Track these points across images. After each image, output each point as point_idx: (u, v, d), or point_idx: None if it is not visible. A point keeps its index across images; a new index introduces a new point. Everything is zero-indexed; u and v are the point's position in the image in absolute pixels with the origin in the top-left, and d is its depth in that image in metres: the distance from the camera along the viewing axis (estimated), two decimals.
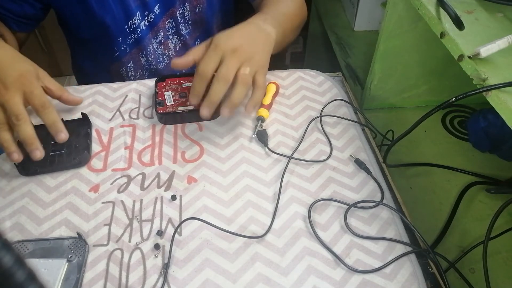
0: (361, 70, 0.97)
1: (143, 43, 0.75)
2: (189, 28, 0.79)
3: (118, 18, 0.71)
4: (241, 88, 0.54)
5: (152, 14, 0.73)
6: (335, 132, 0.63)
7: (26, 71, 0.54)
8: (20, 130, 0.52)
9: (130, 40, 0.74)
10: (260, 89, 0.57)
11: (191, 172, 0.57)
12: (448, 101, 0.48)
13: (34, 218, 0.51)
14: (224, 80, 0.53)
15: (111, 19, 0.70)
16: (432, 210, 0.64)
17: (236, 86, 0.54)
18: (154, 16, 0.73)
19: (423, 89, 0.80)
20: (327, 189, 0.55)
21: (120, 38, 0.74)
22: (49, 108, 0.54)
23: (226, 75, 0.53)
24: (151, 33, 0.75)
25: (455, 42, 0.47)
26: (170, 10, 0.75)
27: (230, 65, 0.54)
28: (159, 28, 0.76)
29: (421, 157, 0.72)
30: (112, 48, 0.75)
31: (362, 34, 1.12)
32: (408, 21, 0.67)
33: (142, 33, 0.74)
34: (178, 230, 0.50)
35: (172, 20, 0.76)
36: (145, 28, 0.74)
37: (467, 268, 0.56)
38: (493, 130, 0.69)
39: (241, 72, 0.54)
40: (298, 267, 0.47)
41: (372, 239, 0.50)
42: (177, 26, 0.77)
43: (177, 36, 0.79)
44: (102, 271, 0.47)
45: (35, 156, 0.52)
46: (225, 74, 0.53)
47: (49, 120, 0.54)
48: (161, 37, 0.77)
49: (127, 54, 0.77)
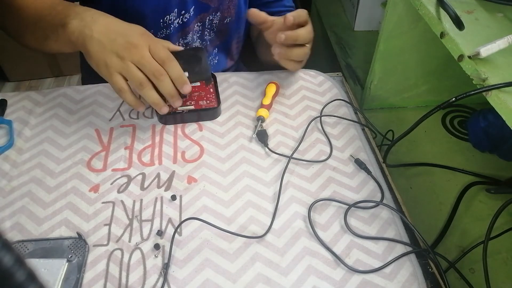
0: (361, 70, 0.97)
1: (171, 40, 0.75)
2: (212, 35, 0.80)
3: (156, 11, 0.70)
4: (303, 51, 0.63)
5: (187, 14, 0.73)
6: (335, 132, 0.63)
7: (143, 30, 0.55)
8: (165, 84, 0.53)
9: (160, 34, 0.74)
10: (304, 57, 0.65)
11: (191, 172, 0.57)
12: (448, 101, 0.48)
13: (34, 218, 0.51)
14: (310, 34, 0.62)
15: (150, 10, 0.69)
16: (432, 210, 0.64)
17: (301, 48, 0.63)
18: (188, 17, 0.73)
19: (423, 89, 0.80)
20: (327, 189, 0.55)
21: (152, 31, 0.72)
22: (173, 61, 0.54)
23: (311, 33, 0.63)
24: (181, 33, 0.76)
25: (455, 42, 0.47)
26: (202, 14, 0.75)
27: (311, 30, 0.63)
28: (189, 30, 0.76)
29: (421, 157, 0.72)
30: None
31: (362, 34, 1.12)
32: (408, 21, 0.67)
33: (174, 30, 0.74)
34: (178, 230, 0.50)
35: (201, 24, 0.77)
36: (177, 27, 0.74)
37: (467, 268, 0.56)
38: (493, 130, 0.69)
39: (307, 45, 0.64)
40: (298, 267, 0.47)
41: (372, 239, 0.50)
42: (203, 31, 0.78)
43: (199, 40, 0.79)
44: (102, 271, 0.47)
45: (176, 106, 0.57)
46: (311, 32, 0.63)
47: (176, 72, 0.54)
48: (189, 39, 0.77)
49: None
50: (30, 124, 0.63)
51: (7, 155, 0.58)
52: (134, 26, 0.56)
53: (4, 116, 0.64)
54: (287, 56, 0.63)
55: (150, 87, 0.53)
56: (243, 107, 0.66)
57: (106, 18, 0.55)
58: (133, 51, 0.52)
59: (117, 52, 0.52)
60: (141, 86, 0.53)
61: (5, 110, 0.65)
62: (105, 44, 0.52)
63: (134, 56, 0.52)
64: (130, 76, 0.53)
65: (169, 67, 0.54)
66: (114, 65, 0.52)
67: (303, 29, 0.61)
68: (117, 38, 0.52)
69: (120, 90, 0.54)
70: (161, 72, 0.53)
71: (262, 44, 0.83)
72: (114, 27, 0.54)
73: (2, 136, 0.61)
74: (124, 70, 0.52)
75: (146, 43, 0.53)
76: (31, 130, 0.62)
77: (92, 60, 0.54)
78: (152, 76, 0.53)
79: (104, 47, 0.52)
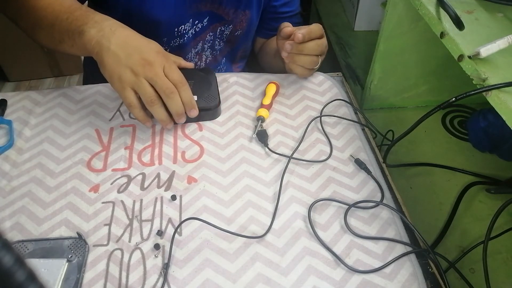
0: (361, 70, 0.97)
1: (185, 49, 0.76)
2: (222, 45, 0.81)
3: (172, 20, 0.70)
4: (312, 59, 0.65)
5: (200, 24, 0.73)
6: (335, 132, 0.63)
7: (160, 48, 0.56)
8: (175, 102, 0.55)
9: (174, 43, 0.74)
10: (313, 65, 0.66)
11: (191, 172, 0.57)
12: (448, 101, 0.48)
13: (34, 218, 0.51)
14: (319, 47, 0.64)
15: (166, 19, 0.69)
16: (432, 210, 0.64)
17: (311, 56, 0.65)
18: (201, 27, 0.74)
19: (423, 89, 0.80)
20: (327, 189, 0.55)
21: (166, 39, 0.73)
22: (185, 85, 0.56)
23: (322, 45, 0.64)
24: (193, 42, 0.76)
25: (455, 42, 0.47)
26: (215, 25, 0.76)
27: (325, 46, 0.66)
28: (201, 39, 0.76)
29: (421, 157, 0.72)
30: None
31: (362, 34, 1.12)
32: (408, 21, 0.67)
33: (187, 40, 0.74)
34: (178, 230, 0.50)
35: (212, 34, 0.77)
36: (191, 36, 0.74)
37: (467, 268, 0.56)
38: (493, 130, 0.69)
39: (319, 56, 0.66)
40: (298, 267, 0.47)
41: (372, 239, 0.50)
42: (214, 40, 0.79)
43: (210, 50, 0.80)
44: (102, 271, 0.47)
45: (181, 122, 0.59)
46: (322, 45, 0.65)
47: (187, 96, 0.56)
48: (199, 48, 0.78)
49: None
50: (30, 124, 0.63)
51: (7, 155, 0.58)
52: (151, 42, 0.56)
53: (4, 116, 0.64)
54: (294, 60, 0.65)
55: (160, 105, 0.55)
56: (243, 107, 0.66)
57: (125, 30, 0.55)
58: (147, 68, 0.53)
59: (132, 67, 0.53)
60: (151, 102, 0.54)
61: (5, 110, 0.65)
62: (121, 58, 0.53)
63: (148, 73, 0.53)
64: (142, 91, 0.53)
65: (181, 90, 0.55)
66: (128, 79, 0.53)
67: (312, 42, 0.63)
68: (134, 54, 0.53)
69: (130, 105, 0.55)
70: (172, 90, 0.54)
71: (269, 53, 0.83)
72: (132, 41, 0.54)
73: (2, 136, 0.61)
74: (136, 85, 0.53)
75: (161, 62, 0.54)
76: (31, 130, 0.62)
77: (106, 71, 0.54)
78: (163, 93, 0.54)
79: (120, 61, 0.53)
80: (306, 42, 0.62)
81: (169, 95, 0.54)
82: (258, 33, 0.86)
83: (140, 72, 0.53)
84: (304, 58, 0.64)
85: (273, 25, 0.84)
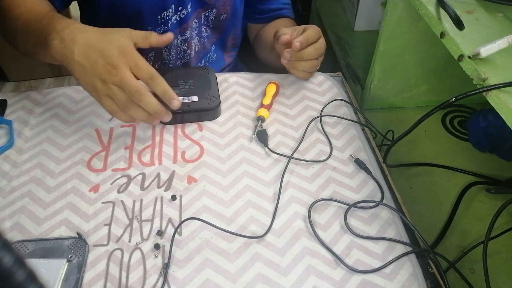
0: (361, 70, 0.97)
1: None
2: (209, 32, 0.81)
3: (154, 7, 0.71)
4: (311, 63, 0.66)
5: (185, 10, 0.74)
6: (335, 132, 0.63)
7: (124, 45, 0.53)
8: (147, 103, 0.53)
9: (159, 31, 0.74)
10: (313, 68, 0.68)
11: (191, 172, 0.57)
12: (448, 101, 0.48)
13: (34, 218, 0.51)
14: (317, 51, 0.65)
15: (147, 7, 0.70)
16: (432, 210, 0.64)
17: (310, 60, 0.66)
18: (186, 13, 0.74)
19: (423, 89, 0.80)
20: (327, 189, 0.55)
21: (150, 27, 0.73)
22: (157, 78, 0.54)
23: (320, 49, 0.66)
24: (179, 29, 0.76)
25: (455, 42, 0.47)
26: (198, 10, 0.76)
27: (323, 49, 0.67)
28: (188, 26, 0.77)
29: (421, 157, 0.72)
30: None
31: (362, 34, 1.11)
32: (408, 21, 0.67)
33: (172, 26, 0.75)
34: (178, 230, 0.50)
35: (197, 20, 0.77)
36: (175, 23, 0.75)
37: (467, 268, 0.56)
38: (493, 130, 0.69)
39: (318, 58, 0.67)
40: (298, 267, 0.47)
41: (372, 239, 0.50)
42: (200, 27, 0.79)
43: (198, 37, 0.80)
44: (102, 271, 0.47)
45: (166, 120, 0.57)
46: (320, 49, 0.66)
47: (160, 89, 0.54)
48: (188, 35, 0.78)
49: None
50: (30, 124, 0.63)
51: (7, 155, 0.58)
52: (114, 39, 0.53)
53: (4, 116, 0.64)
54: (294, 66, 0.66)
55: (135, 107, 0.53)
56: (243, 107, 0.66)
57: (85, 34, 0.54)
58: (113, 73, 0.51)
59: (99, 75, 0.52)
60: (125, 108, 0.53)
61: (5, 110, 0.65)
62: (86, 68, 0.52)
63: (115, 78, 0.51)
64: (115, 99, 0.53)
65: (154, 85, 0.53)
66: (99, 89, 0.52)
67: (310, 47, 0.64)
68: (97, 60, 0.52)
69: (112, 111, 0.54)
70: (140, 92, 0.52)
71: (265, 47, 0.83)
72: (93, 46, 0.52)
73: (2, 136, 0.61)
74: (109, 93, 0.52)
75: (126, 63, 0.52)
76: (31, 130, 0.62)
77: (79, 82, 0.54)
78: (133, 98, 0.52)
79: (86, 71, 0.52)
80: (304, 49, 0.63)
81: (138, 98, 0.52)
82: (248, 19, 0.86)
83: (107, 79, 0.52)
84: (304, 64, 0.66)
85: (260, 8, 0.84)
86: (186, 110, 0.62)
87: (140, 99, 0.52)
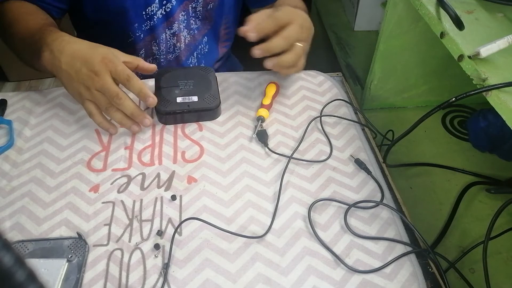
0: (361, 70, 0.97)
1: (157, 31, 0.76)
2: (198, 23, 0.80)
3: (137, 3, 0.71)
4: (292, 55, 0.59)
5: (170, 4, 0.74)
6: (335, 132, 0.63)
7: (105, 54, 0.58)
8: (125, 106, 0.57)
9: (145, 27, 0.75)
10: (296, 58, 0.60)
11: (191, 172, 0.57)
12: (448, 101, 0.48)
13: (34, 218, 0.51)
14: (286, 39, 0.58)
15: (130, 4, 0.71)
16: (432, 210, 0.64)
17: (289, 52, 0.59)
18: (171, 7, 0.74)
19: (423, 89, 0.80)
20: (327, 189, 0.55)
21: (137, 24, 0.74)
22: (133, 79, 0.57)
23: (290, 37, 0.59)
24: (166, 23, 0.76)
25: (455, 42, 0.47)
26: (184, 2, 0.76)
27: (295, 33, 0.59)
28: (175, 19, 0.77)
29: (421, 157, 0.72)
30: (127, 33, 0.76)
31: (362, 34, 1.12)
32: (408, 21, 0.67)
33: (158, 21, 0.75)
34: (178, 230, 0.50)
35: (185, 13, 0.77)
36: (161, 17, 0.75)
37: (467, 268, 0.56)
38: (493, 130, 0.69)
39: (298, 44, 0.60)
40: (298, 267, 0.47)
41: (372, 239, 0.50)
42: (188, 20, 0.79)
43: (187, 30, 0.80)
44: (102, 271, 0.47)
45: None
46: (290, 36, 0.59)
47: (136, 89, 0.57)
48: (175, 28, 0.78)
49: (141, 41, 0.77)
50: (30, 124, 0.63)
51: (7, 155, 0.58)
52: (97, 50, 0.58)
53: (4, 116, 0.64)
54: (279, 65, 0.60)
55: (115, 110, 0.57)
56: (243, 107, 0.66)
57: (72, 45, 0.58)
58: (95, 80, 0.56)
59: (83, 82, 0.56)
60: (106, 110, 0.57)
61: (5, 110, 0.65)
62: (72, 76, 0.57)
63: (97, 84, 0.56)
64: (97, 102, 0.57)
65: (130, 85, 0.57)
66: (83, 94, 0.57)
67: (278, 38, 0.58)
68: (81, 68, 0.56)
69: (91, 113, 0.58)
70: (118, 96, 0.56)
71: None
72: (78, 56, 0.57)
73: (2, 136, 0.61)
74: (92, 98, 0.57)
75: (107, 69, 0.56)
76: (31, 130, 0.62)
77: (66, 89, 0.60)
78: (112, 101, 0.56)
79: (72, 79, 0.57)
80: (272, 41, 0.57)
81: (117, 102, 0.56)
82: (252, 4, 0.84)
83: (90, 85, 0.56)
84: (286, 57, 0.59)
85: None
86: (186, 110, 0.62)
87: (119, 103, 0.56)
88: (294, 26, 0.59)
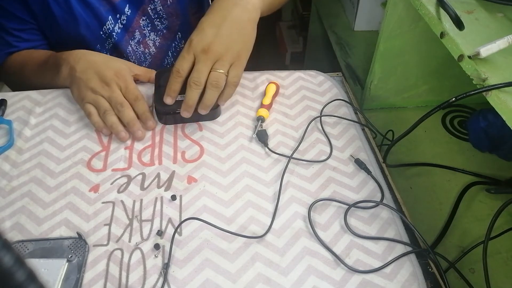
0: (361, 70, 0.97)
1: (121, 46, 0.76)
2: (165, 22, 0.79)
3: (91, 27, 0.71)
4: (211, 91, 0.57)
5: (124, 16, 0.73)
6: (335, 132, 0.63)
7: (119, 69, 0.62)
8: (124, 114, 0.60)
9: (108, 45, 0.75)
10: (231, 86, 0.60)
11: (191, 172, 0.57)
12: (448, 101, 0.48)
13: (34, 218, 0.51)
14: (196, 85, 0.57)
15: (85, 29, 0.71)
16: (432, 210, 0.64)
17: (207, 89, 0.57)
18: (126, 18, 0.74)
19: (423, 89, 0.80)
20: (327, 189, 0.55)
21: (98, 45, 0.74)
22: (141, 100, 0.62)
23: (198, 80, 0.57)
24: (127, 35, 0.76)
25: (455, 42, 0.47)
26: (141, 8, 0.75)
27: (201, 69, 0.56)
28: (134, 28, 0.76)
29: (421, 157, 0.72)
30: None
31: (362, 34, 1.11)
32: (408, 21, 0.67)
33: (118, 36, 0.74)
34: (178, 230, 0.50)
35: (146, 17, 0.76)
36: (120, 31, 0.74)
37: (467, 268, 0.56)
38: (493, 130, 0.69)
39: (212, 75, 0.57)
40: (298, 267, 0.47)
41: (372, 239, 0.50)
42: (152, 22, 0.77)
43: (154, 32, 0.79)
44: (102, 271, 0.47)
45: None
46: (197, 79, 0.57)
47: (140, 110, 0.61)
48: (138, 36, 0.77)
49: None
50: (30, 124, 0.63)
51: (7, 155, 0.58)
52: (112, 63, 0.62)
53: (4, 116, 0.64)
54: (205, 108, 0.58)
55: (111, 114, 0.60)
56: (243, 107, 0.66)
57: (88, 56, 0.63)
58: (105, 88, 0.60)
59: (92, 88, 0.60)
60: (105, 112, 0.60)
61: (5, 110, 0.65)
62: (83, 81, 0.61)
63: (105, 92, 0.60)
64: (98, 105, 0.60)
65: (136, 105, 0.61)
66: (88, 97, 0.61)
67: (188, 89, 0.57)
68: (94, 77, 0.61)
69: (89, 114, 0.61)
70: (123, 104, 0.60)
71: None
72: (93, 66, 0.61)
73: (2, 136, 0.61)
74: (94, 101, 0.60)
75: (118, 83, 0.61)
76: (31, 130, 0.62)
77: (74, 94, 0.64)
78: (115, 107, 0.60)
79: (81, 85, 0.61)
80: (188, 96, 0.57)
81: (119, 108, 0.59)
82: None
83: (98, 91, 0.60)
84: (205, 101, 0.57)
85: None
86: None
87: (121, 110, 0.60)
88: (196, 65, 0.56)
